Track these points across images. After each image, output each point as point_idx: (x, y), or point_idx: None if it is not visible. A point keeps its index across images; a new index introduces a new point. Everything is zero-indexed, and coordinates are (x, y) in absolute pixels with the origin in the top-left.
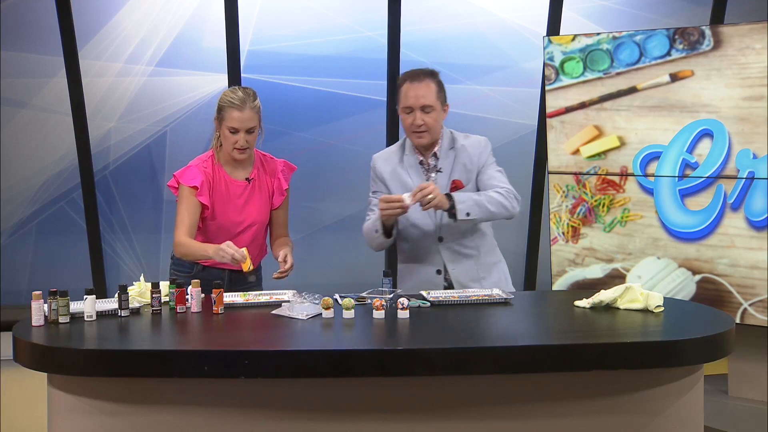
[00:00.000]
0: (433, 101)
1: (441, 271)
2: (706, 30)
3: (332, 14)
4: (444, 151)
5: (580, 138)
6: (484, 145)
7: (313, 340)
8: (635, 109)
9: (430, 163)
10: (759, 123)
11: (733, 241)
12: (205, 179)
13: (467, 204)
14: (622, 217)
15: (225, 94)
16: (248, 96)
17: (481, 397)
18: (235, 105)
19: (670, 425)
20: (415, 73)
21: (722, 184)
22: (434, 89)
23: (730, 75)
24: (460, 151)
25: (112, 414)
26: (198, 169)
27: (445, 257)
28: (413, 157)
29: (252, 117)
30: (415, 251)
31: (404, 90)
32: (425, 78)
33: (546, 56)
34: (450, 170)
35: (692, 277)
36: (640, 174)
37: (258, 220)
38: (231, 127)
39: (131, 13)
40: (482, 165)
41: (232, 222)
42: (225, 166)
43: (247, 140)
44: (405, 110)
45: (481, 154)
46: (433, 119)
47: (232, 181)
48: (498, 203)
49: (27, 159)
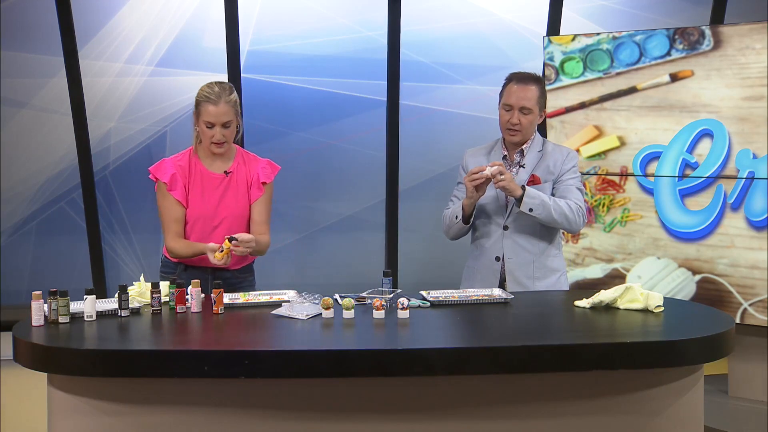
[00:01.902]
0: (533, 105)
1: (500, 258)
2: (706, 30)
3: (332, 14)
4: (532, 151)
5: (580, 138)
6: (571, 156)
7: (313, 340)
8: (635, 109)
9: (515, 159)
10: (759, 123)
11: (733, 241)
12: (177, 172)
13: (535, 201)
14: (622, 217)
15: (201, 88)
16: (224, 90)
17: (480, 397)
18: (210, 99)
19: (670, 425)
20: (523, 75)
21: (722, 184)
22: (536, 94)
23: (730, 75)
24: (547, 155)
25: (112, 414)
26: (170, 163)
27: (505, 245)
28: (499, 151)
29: (227, 111)
30: (482, 236)
31: (508, 88)
32: (530, 82)
33: (546, 56)
34: (532, 168)
35: (692, 277)
36: (640, 174)
37: (233, 214)
38: (207, 121)
39: (131, 13)
40: (564, 173)
41: (206, 215)
42: (204, 160)
43: (223, 134)
44: (505, 107)
45: (565, 162)
46: (529, 121)
47: (209, 174)
48: (563, 214)
49: (27, 159)
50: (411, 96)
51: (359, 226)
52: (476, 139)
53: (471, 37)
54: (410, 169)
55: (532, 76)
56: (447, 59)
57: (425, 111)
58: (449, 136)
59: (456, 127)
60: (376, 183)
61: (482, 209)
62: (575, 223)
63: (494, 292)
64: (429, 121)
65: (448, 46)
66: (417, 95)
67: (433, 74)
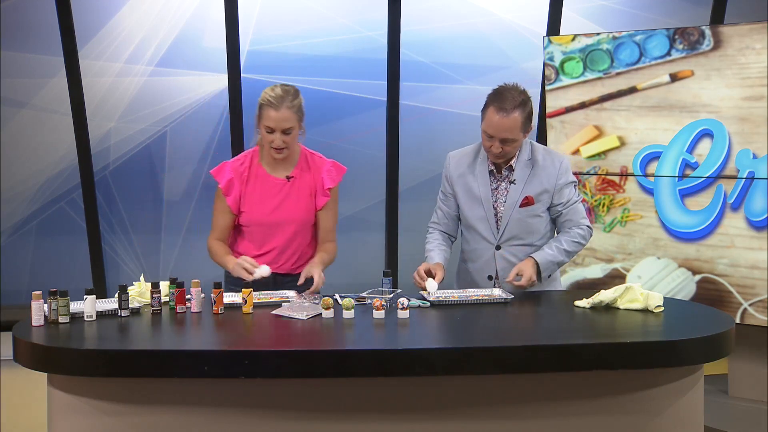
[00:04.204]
0: (516, 134)
1: (492, 277)
2: (706, 30)
3: (332, 14)
4: (521, 164)
5: (580, 138)
6: (564, 167)
7: (313, 340)
8: (635, 109)
9: (503, 174)
10: (759, 123)
11: (733, 241)
12: (235, 177)
13: (550, 269)
14: (622, 217)
15: (265, 91)
16: (287, 94)
17: (481, 397)
18: (272, 104)
19: (670, 425)
20: (504, 103)
21: (722, 184)
22: (520, 122)
23: (730, 75)
24: (538, 166)
25: (112, 414)
26: (230, 167)
27: (499, 265)
28: (485, 165)
29: (288, 117)
30: (472, 254)
31: (489, 116)
32: (513, 111)
33: (546, 56)
34: (523, 182)
35: (692, 277)
36: (640, 174)
37: (295, 220)
38: (267, 126)
39: (131, 13)
40: (561, 189)
41: (264, 220)
42: (265, 163)
43: (283, 140)
44: (485, 134)
45: (559, 177)
46: (512, 147)
47: (270, 179)
48: (576, 251)
49: (27, 159)
50: (411, 96)
51: (359, 226)
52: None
53: (471, 37)
54: (410, 169)
55: (517, 101)
56: (447, 59)
57: (425, 111)
58: (449, 136)
59: (456, 127)
60: (376, 183)
61: (473, 228)
62: (587, 243)
63: (494, 292)
64: (429, 121)
65: (448, 46)
66: (417, 95)
67: (433, 74)
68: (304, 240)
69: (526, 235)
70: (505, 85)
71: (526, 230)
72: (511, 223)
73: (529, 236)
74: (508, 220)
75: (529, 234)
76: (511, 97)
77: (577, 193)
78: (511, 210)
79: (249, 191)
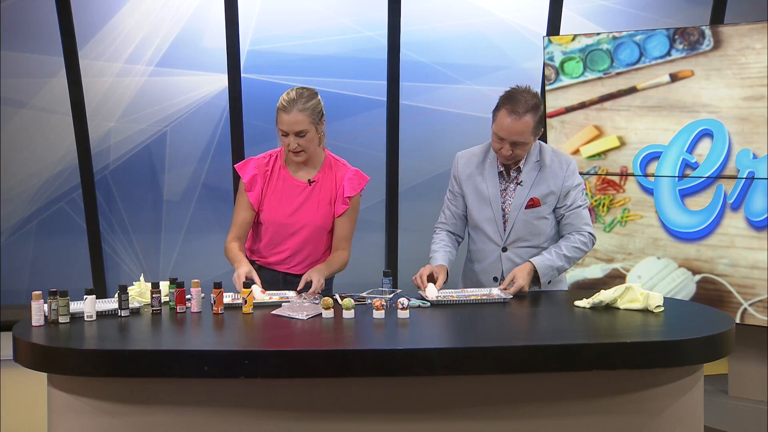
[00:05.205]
0: (527, 137)
1: (498, 279)
2: (706, 30)
3: (332, 14)
4: (529, 165)
5: (580, 138)
6: (571, 170)
7: (313, 340)
8: (635, 109)
9: (512, 175)
10: (759, 123)
11: (733, 241)
12: (258, 174)
13: (550, 274)
14: (622, 217)
15: (282, 95)
16: (300, 97)
17: (480, 397)
18: (283, 108)
19: (670, 425)
20: (516, 106)
21: (722, 184)
22: (531, 126)
23: (730, 75)
24: (546, 170)
25: (112, 414)
26: (255, 163)
27: (505, 266)
28: (494, 166)
29: (300, 120)
30: (478, 254)
31: (500, 118)
32: (525, 115)
33: (546, 56)
34: (531, 185)
35: (692, 277)
36: (640, 174)
37: (312, 223)
38: (281, 129)
39: (131, 13)
40: (568, 192)
41: (282, 221)
42: (289, 165)
43: (298, 143)
44: (496, 135)
45: (566, 179)
46: (522, 150)
47: (292, 181)
48: (577, 257)
49: (27, 159)
50: (411, 96)
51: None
52: (476, 139)
53: (471, 37)
54: (410, 169)
55: (529, 104)
56: (447, 59)
57: (425, 111)
58: (449, 136)
59: (456, 127)
60: (376, 183)
61: (480, 229)
62: (589, 250)
63: (494, 292)
64: (429, 121)
65: (448, 46)
66: (417, 95)
67: (433, 74)
68: (318, 245)
69: (532, 237)
70: (517, 88)
71: (532, 232)
72: (517, 224)
73: (535, 238)
74: (514, 221)
75: (535, 236)
76: (523, 100)
77: (583, 197)
78: (517, 211)
79: (270, 190)
